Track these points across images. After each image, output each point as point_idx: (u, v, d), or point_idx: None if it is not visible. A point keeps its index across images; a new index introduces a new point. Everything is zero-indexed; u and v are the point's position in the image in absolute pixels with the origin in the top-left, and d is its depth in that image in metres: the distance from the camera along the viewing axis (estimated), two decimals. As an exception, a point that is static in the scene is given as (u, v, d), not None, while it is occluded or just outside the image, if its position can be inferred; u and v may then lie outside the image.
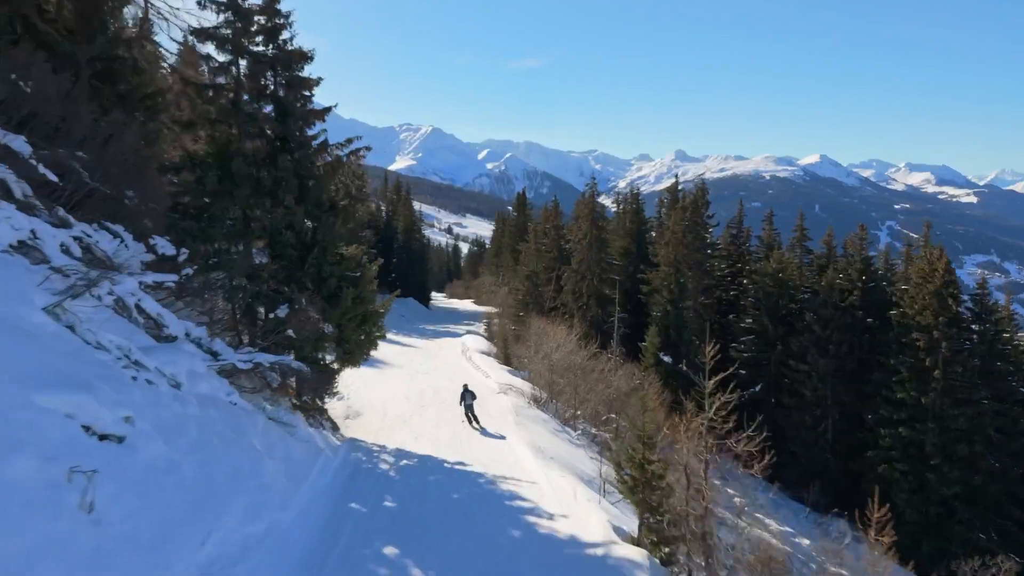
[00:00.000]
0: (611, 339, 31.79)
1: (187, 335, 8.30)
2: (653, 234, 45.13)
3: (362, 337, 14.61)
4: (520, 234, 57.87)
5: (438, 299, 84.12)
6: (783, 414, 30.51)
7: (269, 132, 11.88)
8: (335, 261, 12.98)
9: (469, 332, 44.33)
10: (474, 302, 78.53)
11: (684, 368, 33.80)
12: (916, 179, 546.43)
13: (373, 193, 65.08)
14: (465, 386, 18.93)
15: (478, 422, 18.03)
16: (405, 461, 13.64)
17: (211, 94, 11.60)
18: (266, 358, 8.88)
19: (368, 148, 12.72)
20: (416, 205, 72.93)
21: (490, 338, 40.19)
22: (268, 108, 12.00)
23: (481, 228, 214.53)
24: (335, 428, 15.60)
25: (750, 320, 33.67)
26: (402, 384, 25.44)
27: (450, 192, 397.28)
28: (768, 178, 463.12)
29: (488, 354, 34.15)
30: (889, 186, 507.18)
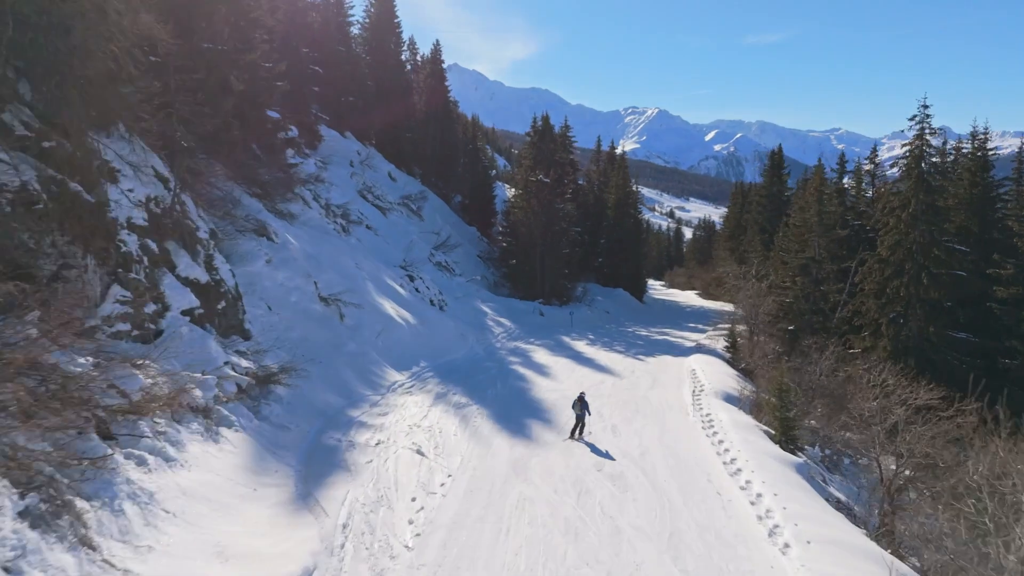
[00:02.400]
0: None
1: None
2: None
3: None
4: (775, 208, 42.99)
5: (655, 287, 72.32)
6: None
7: None
8: None
9: (699, 347, 29.32)
10: (699, 294, 65.06)
11: None
12: None
13: (584, 173, 56.46)
14: (582, 395, 15.50)
15: (580, 434, 14.96)
16: None
17: None
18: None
19: None
20: (633, 185, 61.31)
21: (735, 362, 25.83)
22: None
23: (705, 212, 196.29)
24: None
25: None
26: (533, 530, 10.18)
27: (673, 175, 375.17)
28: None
29: (737, 400, 19.38)
30: None
